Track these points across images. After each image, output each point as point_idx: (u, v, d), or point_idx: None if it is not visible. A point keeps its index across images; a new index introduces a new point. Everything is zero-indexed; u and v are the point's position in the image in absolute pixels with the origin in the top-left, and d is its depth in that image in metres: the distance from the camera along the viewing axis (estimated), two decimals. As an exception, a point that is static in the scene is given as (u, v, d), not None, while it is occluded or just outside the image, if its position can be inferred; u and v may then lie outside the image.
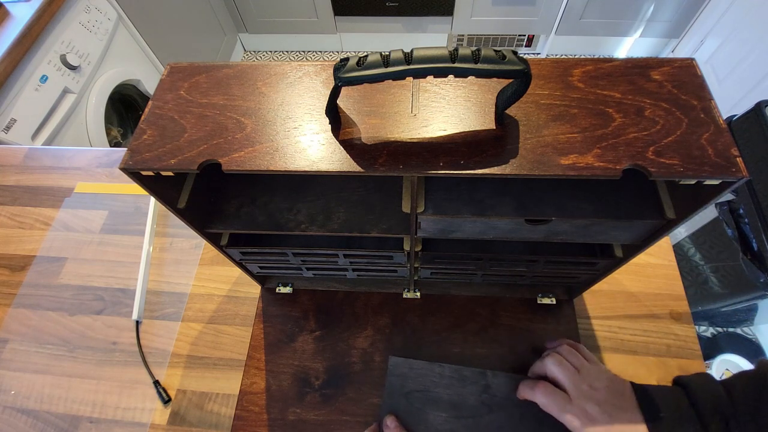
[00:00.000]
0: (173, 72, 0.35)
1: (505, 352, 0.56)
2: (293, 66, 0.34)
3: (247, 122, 0.31)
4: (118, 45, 1.39)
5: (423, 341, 0.57)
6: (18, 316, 0.64)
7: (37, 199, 0.76)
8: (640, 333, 0.57)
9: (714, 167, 0.26)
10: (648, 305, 0.59)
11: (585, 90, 0.31)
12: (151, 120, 0.32)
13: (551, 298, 0.59)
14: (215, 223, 0.41)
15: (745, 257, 0.49)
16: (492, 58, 0.25)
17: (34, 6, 1.09)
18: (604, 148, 0.28)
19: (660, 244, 0.63)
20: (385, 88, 0.32)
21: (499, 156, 0.28)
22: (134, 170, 0.30)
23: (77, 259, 0.69)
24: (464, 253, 0.47)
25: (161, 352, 0.60)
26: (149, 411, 0.56)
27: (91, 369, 0.60)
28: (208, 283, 0.65)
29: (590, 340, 0.57)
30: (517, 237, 0.39)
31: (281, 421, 0.53)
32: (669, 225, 0.34)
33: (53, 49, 1.15)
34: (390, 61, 0.25)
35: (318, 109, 0.32)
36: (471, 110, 0.31)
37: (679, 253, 1.17)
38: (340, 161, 0.29)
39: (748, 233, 0.48)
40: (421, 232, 0.39)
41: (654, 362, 0.55)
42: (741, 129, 0.79)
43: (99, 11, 1.30)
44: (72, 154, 0.81)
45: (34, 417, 0.57)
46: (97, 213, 0.73)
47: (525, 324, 0.58)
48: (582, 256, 0.45)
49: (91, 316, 0.64)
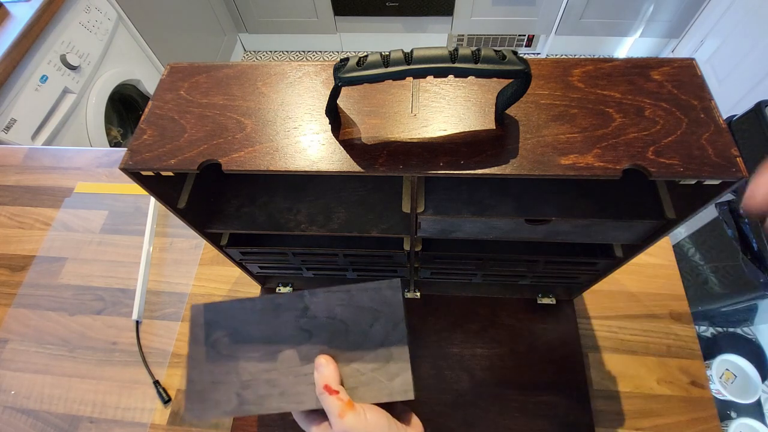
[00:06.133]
0: (173, 72, 0.35)
1: (505, 352, 0.56)
2: (293, 66, 0.34)
3: (247, 122, 0.31)
4: (118, 45, 1.39)
5: (423, 341, 0.57)
6: (18, 316, 0.64)
7: (37, 199, 0.76)
8: (640, 333, 0.57)
9: (714, 167, 0.26)
10: (648, 305, 0.59)
11: (585, 90, 0.31)
12: (151, 120, 0.32)
13: (551, 298, 0.59)
14: (215, 223, 0.41)
15: (745, 257, 0.49)
16: (492, 58, 0.25)
17: (34, 6, 1.09)
18: (604, 148, 0.28)
19: (660, 244, 0.63)
20: (385, 88, 0.32)
21: (499, 156, 0.28)
22: (134, 170, 0.30)
23: (77, 259, 0.69)
24: (464, 253, 0.47)
25: (161, 352, 0.60)
26: (149, 411, 0.56)
27: (91, 369, 0.60)
28: (208, 283, 0.65)
29: (590, 340, 0.57)
30: (517, 237, 0.39)
31: (281, 421, 0.53)
32: (669, 225, 0.34)
33: (53, 49, 1.15)
34: (390, 61, 0.25)
35: (318, 109, 0.32)
36: (471, 110, 0.31)
37: (679, 253, 1.17)
38: (340, 161, 0.29)
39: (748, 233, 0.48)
40: (421, 232, 0.39)
41: (654, 362, 0.55)
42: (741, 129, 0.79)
43: (99, 11, 1.30)
44: (72, 154, 0.81)
45: (34, 417, 0.57)
46: (97, 213, 0.73)
47: (525, 324, 0.58)
48: (582, 256, 0.45)
49: (91, 316, 0.64)
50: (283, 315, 0.40)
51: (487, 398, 0.54)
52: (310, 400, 0.37)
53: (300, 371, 0.39)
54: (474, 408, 0.53)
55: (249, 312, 0.41)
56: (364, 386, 0.37)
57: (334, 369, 0.37)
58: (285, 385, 0.39)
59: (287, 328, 0.40)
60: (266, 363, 0.39)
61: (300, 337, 0.40)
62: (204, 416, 0.38)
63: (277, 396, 0.38)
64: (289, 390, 0.38)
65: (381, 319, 0.38)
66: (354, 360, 0.38)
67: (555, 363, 0.55)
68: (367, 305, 0.39)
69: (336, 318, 0.39)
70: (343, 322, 0.39)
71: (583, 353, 0.56)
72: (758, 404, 1.11)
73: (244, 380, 0.39)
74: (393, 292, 0.38)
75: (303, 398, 0.38)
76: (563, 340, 0.57)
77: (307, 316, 0.40)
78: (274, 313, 0.40)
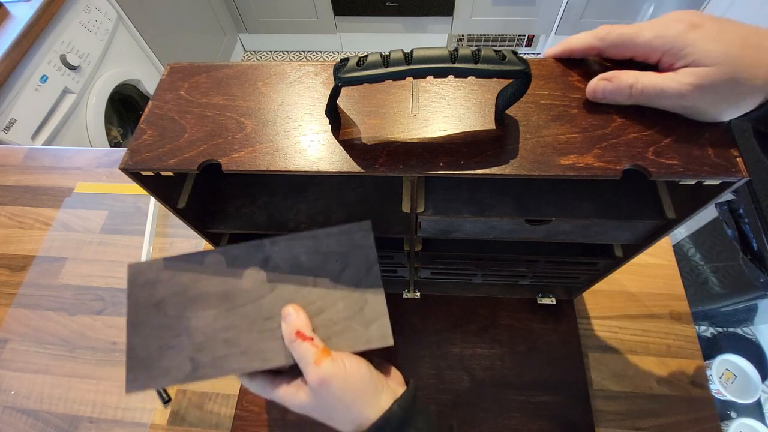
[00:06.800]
0: (173, 72, 0.35)
1: (505, 352, 0.56)
2: (293, 66, 0.34)
3: (247, 122, 0.31)
4: (118, 45, 1.39)
5: (423, 341, 0.57)
6: (18, 316, 0.64)
7: (37, 199, 0.76)
8: (640, 333, 0.57)
9: (714, 167, 0.26)
10: (648, 305, 0.59)
11: (585, 90, 0.31)
12: (151, 120, 0.32)
13: (551, 298, 0.59)
14: (215, 223, 0.41)
15: (745, 257, 0.49)
16: (492, 58, 0.25)
17: (34, 6, 1.09)
18: (604, 149, 0.28)
19: (660, 244, 0.63)
20: (385, 88, 0.32)
21: (499, 156, 0.28)
22: (134, 170, 0.30)
23: (77, 259, 0.69)
24: (464, 253, 0.47)
25: (161, 352, 0.60)
26: (149, 411, 0.56)
27: (91, 369, 0.60)
28: (208, 283, 0.65)
29: (590, 340, 0.57)
30: (517, 237, 0.39)
31: (281, 421, 0.53)
32: (669, 225, 0.34)
33: (53, 49, 1.15)
34: (390, 62, 0.25)
35: (318, 109, 0.32)
36: (471, 110, 0.31)
37: (679, 253, 1.17)
38: (340, 161, 0.29)
39: (748, 233, 0.48)
40: (421, 232, 0.39)
41: (654, 362, 0.55)
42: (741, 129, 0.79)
43: (99, 11, 1.30)
44: (72, 154, 0.81)
45: (34, 417, 0.57)
46: (97, 213, 0.73)
47: (525, 324, 0.58)
48: (582, 256, 0.45)
49: (91, 316, 0.64)
50: (240, 267, 0.36)
51: (487, 398, 0.54)
52: (277, 356, 0.34)
53: (264, 326, 0.35)
54: (474, 408, 0.53)
55: (199, 267, 0.36)
56: (337, 336, 0.34)
57: (304, 316, 0.34)
58: (247, 343, 0.34)
59: (246, 282, 0.36)
60: (223, 321, 0.35)
61: (261, 290, 0.35)
62: (150, 386, 0.34)
63: (237, 355, 0.34)
64: (252, 347, 0.34)
65: (352, 264, 0.35)
66: (324, 309, 0.35)
67: (555, 363, 0.55)
68: (335, 250, 0.36)
69: (301, 267, 0.36)
70: (310, 270, 0.36)
71: (583, 353, 0.56)
72: (758, 404, 1.11)
73: (197, 342, 0.34)
74: (364, 234, 0.35)
75: (268, 355, 0.34)
76: (563, 340, 0.57)
77: (268, 268, 0.36)
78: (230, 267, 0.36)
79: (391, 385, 0.35)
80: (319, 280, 0.36)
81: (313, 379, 0.31)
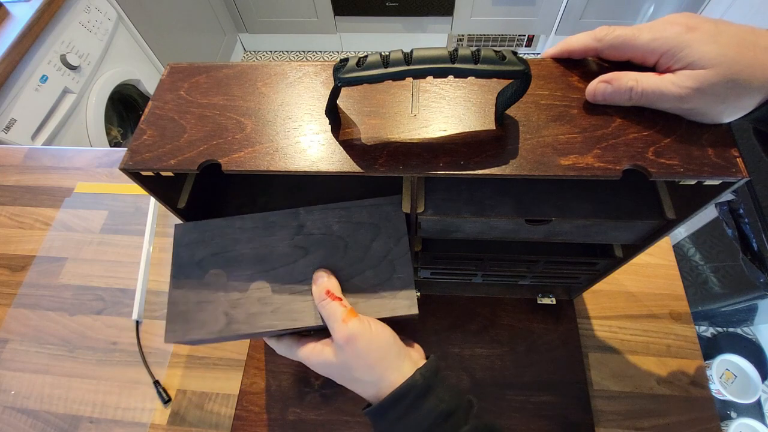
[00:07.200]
0: (173, 72, 0.35)
1: (505, 352, 0.56)
2: (293, 66, 0.34)
3: (247, 122, 0.31)
4: (118, 45, 1.39)
5: (423, 341, 0.57)
6: (18, 316, 0.64)
7: (37, 199, 0.76)
8: (640, 333, 0.57)
9: (714, 167, 0.26)
10: (648, 305, 0.59)
11: (585, 91, 0.31)
12: (151, 120, 0.32)
13: (551, 298, 0.59)
14: (215, 224, 0.41)
15: (745, 257, 0.49)
16: (492, 58, 0.25)
17: (34, 6, 1.09)
18: (604, 149, 0.28)
19: (660, 244, 0.63)
20: (385, 89, 0.32)
21: (499, 156, 0.28)
22: (134, 170, 0.30)
23: (77, 259, 0.69)
24: (464, 253, 0.47)
25: (161, 352, 0.60)
26: (149, 411, 0.56)
27: (91, 369, 0.60)
28: (208, 283, 0.65)
29: (590, 340, 0.57)
30: (517, 237, 0.39)
31: (281, 421, 0.53)
32: (669, 225, 0.34)
33: (53, 49, 1.15)
34: (390, 62, 0.25)
35: (318, 110, 0.32)
36: (471, 111, 0.31)
37: (679, 253, 1.17)
38: (340, 161, 0.29)
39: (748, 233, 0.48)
40: (421, 232, 0.39)
41: (654, 362, 0.55)
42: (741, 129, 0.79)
43: (99, 11, 1.30)
44: (72, 154, 0.81)
45: (34, 417, 0.57)
46: (97, 213, 0.73)
47: (525, 324, 0.58)
48: (582, 256, 0.45)
49: (91, 316, 0.64)
50: (276, 233, 0.38)
51: (487, 398, 0.54)
52: (307, 318, 0.36)
53: (295, 289, 0.37)
54: (474, 408, 0.53)
55: (238, 230, 0.39)
56: (365, 302, 0.36)
57: (335, 279, 0.35)
58: (278, 303, 0.36)
59: (281, 246, 0.38)
60: (258, 282, 0.37)
61: (295, 254, 0.38)
62: (188, 337, 0.36)
63: (269, 314, 0.36)
64: (283, 307, 0.36)
65: (382, 234, 0.37)
66: (354, 276, 0.37)
67: (555, 363, 0.55)
68: (366, 221, 0.38)
69: (334, 234, 0.38)
70: (342, 238, 0.38)
71: (583, 353, 0.56)
72: (758, 404, 1.11)
73: (233, 299, 0.37)
74: (394, 207, 0.37)
75: (297, 316, 0.36)
76: (563, 340, 0.57)
77: (303, 234, 0.38)
78: (266, 230, 0.38)
79: (413, 355, 0.36)
80: (351, 247, 0.37)
81: (341, 336, 0.32)
